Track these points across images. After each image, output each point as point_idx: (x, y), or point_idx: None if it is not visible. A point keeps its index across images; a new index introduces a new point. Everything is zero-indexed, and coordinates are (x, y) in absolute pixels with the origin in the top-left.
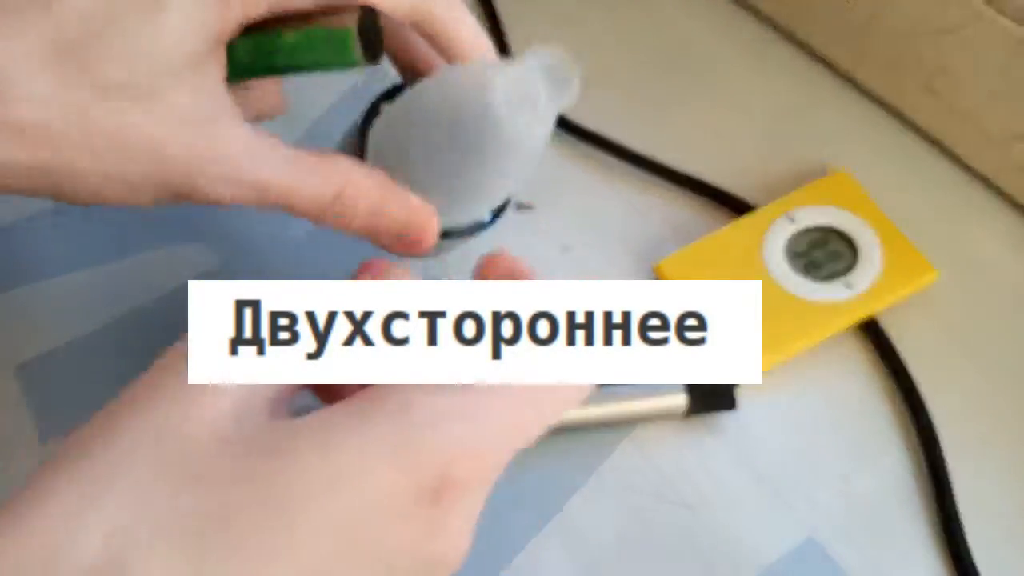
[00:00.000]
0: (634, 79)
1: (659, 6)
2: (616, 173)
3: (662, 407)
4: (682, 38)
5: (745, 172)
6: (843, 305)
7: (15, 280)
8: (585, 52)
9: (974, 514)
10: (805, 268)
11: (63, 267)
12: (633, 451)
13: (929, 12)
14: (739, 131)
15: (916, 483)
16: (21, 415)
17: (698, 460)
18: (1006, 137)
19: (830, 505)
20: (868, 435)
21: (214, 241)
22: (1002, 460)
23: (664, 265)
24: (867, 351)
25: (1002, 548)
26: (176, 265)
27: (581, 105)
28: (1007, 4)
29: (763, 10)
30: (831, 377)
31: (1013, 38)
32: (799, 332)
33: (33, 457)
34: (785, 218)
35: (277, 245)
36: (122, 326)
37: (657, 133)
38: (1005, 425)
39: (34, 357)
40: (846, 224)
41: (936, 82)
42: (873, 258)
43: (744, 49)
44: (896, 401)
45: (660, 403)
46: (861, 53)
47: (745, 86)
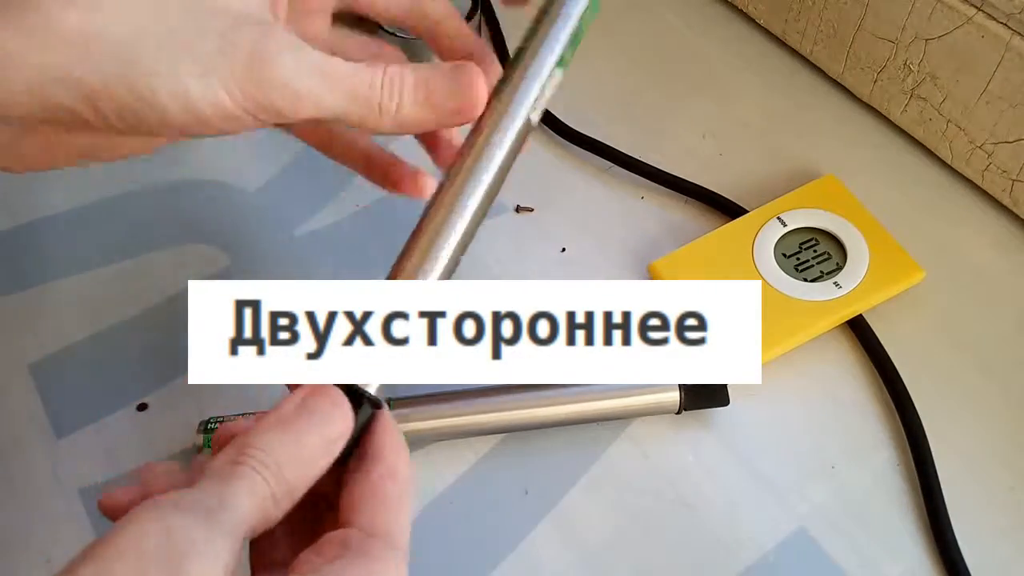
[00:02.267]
0: (630, 85)
1: (654, 13)
2: (612, 177)
3: (656, 404)
4: (677, 45)
5: (737, 175)
6: (832, 304)
7: (28, 280)
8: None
9: (960, 506)
10: (795, 269)
11: (74, 267)
12: (629, 447)
13: (916, 19)
14: (732, 135)
15: (903, 476)
16: (36, 412)
17: (693, 455)
18: (991, 141)
19: (820, 498)
20: (857, 430)
21: (222, 242)
22: (986, 453)
23: (658, 265)
24: (856, 349)
25: (987, 538)
26: (185, 265)
27: (579, 111)
28: (996, 9)
29: (755, 16)
30: (821, 374)
31: (1002, 43)
32: (790, 331)
33: (48, 454)
34: (775, 221)
35: (284, 245)
36: (133, 325)
37: (653, 139)
38: (989, 419)
39: (47, 356)
40: (835, 226)
41: (923, 88)
42: (861, 259)
43: (737, 55)
44: (884, 397)
45: (654, 400)
46: (849, 59)
47: (736, 92)
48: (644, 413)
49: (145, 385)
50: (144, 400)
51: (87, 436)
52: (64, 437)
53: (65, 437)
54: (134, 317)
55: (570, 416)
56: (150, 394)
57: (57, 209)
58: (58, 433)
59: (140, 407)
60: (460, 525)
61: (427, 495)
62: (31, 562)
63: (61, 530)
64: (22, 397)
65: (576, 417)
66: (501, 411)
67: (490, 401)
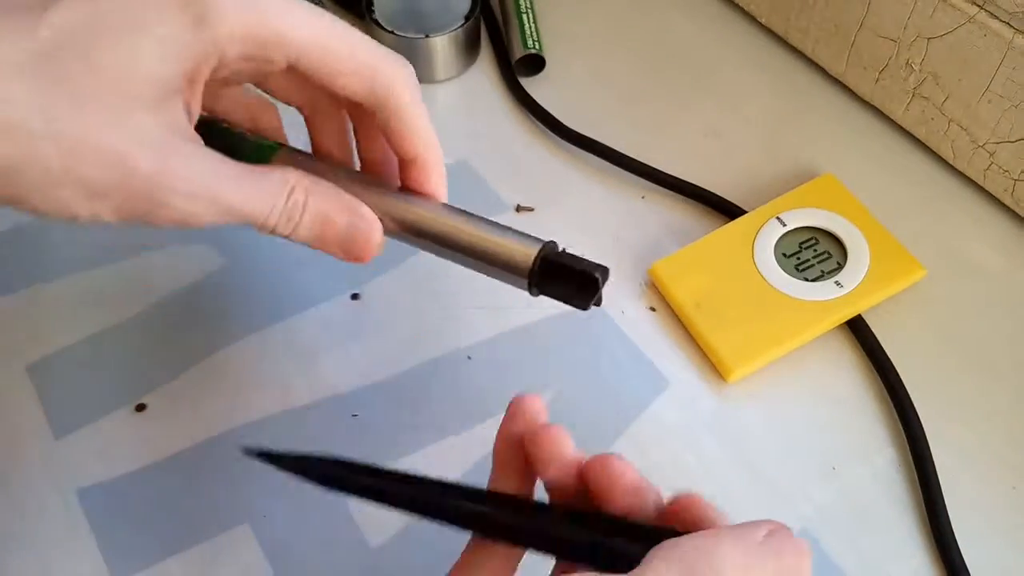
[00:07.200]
0: (629, 84)
1: (655, 11)
2: (614, 178)
3: (506, 254)
4: (677, 44)
5: (737, 175)
6: (833, 304)
7: (25, 280)
8: (584, 60)
9: (960, 506)
10: (796, 268)
11: (72, 267)
12: (629, 447)
13: (918, 17)
14: (732, 135)
15: (904, 476)
16: (34, 413)
17: (693, 455)
18: (993, 140)
19: (821, 498)
20: (858, 430)
21: (219, 242)
22: (987, 453)
23: (658, 267)
24: (856, 349)
25: (987, 538)
26: (182, 265)
27: (580, 111)
28: (998, 8)
29: (757, 16)
30: (821, 374)
31: (1004, 42)
32: (791, 331)
33: (46, 454)
34: (775, 220)
35: (281, 245)
36: (131, 325)
37: (653, 139)
38: (990, 419)
39: (45, 356)
40: (835, 225)
41: (925, 87)
42: (862, 257)
43: (738, 55)
44: (884, 397)
45: (508, 249)
46: (851, 58)
47: (738, 91)
48: (495, 262)
49: (143, 386)
50: (143, 401)
51: (85, 437)
52: (62, 438)
53: (63, 438)
54: (132, 317)
55: (424, 225)
56: (148, 394)
57: None
58: (56, 434)
59: (138, 408)
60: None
61: None
62: (29, 562)
63: (59, 530)
64: (20, 398)
65: (429, 229)
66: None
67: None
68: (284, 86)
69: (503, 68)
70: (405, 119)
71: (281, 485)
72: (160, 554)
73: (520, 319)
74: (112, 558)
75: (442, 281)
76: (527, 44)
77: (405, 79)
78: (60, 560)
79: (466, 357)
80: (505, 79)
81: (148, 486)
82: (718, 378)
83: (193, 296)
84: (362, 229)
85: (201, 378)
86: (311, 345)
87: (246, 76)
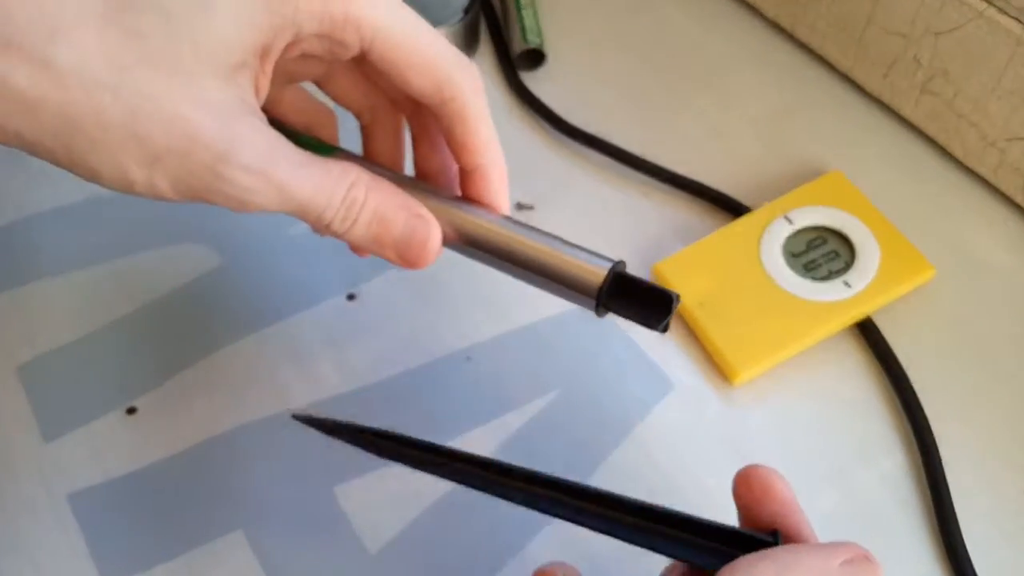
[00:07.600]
0: (634, 81)
1: (659, 5)
2: (616, 175)
3: (576, 273)
4: (682, 39)
5: (743, 173)
6: (842, 304)
7: (17, 280)
8: (586, 55)
9: (970, 511)
10: (804, 268)
11: (65, 267)
12: (634, 450)
13: (926, 13)
14: (738, 132)
15: (913, 479)
16: (24, 415)
17: (699, 458)
18: (1003, 137)
19: (829, 501)
20: (866, 433)
21: (215, 241)
22: (997, 457)
23: (661, 266)
24: (864, 350)
25: (998, 544)
26: (177, 265)
27: (582, 107)
28: (1007, 4)
29: (764, 11)
30: (828, 376)
31: (1013, 37)
32: (799, 332)
33: (35, 457)
34: (782, 219)
35: (277, 244)
36: (124, 326)
37: (656, 135)
38: (1000, 422)
39: (36, 357)
40: (843, 224)
41: (934, 83)
42: (871, 256)
43: (744, 50)
44: (893, 399)
45: (576, 266)
46: (859, 54)
47: (744, 87)
48: (561, 280)
49: (135, 389)
50: (133, 404)
51: (75, 440)
52: (52, 441)
53: (53, 441)
54: (125, 318)
55: (486, 239)
56: (139, 398)
57: (46, 207)
58: (46, 437)
59: (129, 411)
60: (461, 530)
61: (427, 499)
62: (19, 567)
63: (49, 535)
64: (10, 400)
65: (491, 243)
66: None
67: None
68: (346, 87)
69: (503, 63)
70: (471, 124)
71: (277, 490)
72: (152, 560)
73: (521, 319)
74: (103, 564)
75: (441, 281)
76: (527, 38)
77: (475, 83)
78: (50, 565)
79: (465, 358)
80: (505, 74)
81: (140, 490)
82: (724, 381)
83: (188, 297)
84: (420, 230)
85: (195, 380)
86: (308, 346)
87: (314, 66)
